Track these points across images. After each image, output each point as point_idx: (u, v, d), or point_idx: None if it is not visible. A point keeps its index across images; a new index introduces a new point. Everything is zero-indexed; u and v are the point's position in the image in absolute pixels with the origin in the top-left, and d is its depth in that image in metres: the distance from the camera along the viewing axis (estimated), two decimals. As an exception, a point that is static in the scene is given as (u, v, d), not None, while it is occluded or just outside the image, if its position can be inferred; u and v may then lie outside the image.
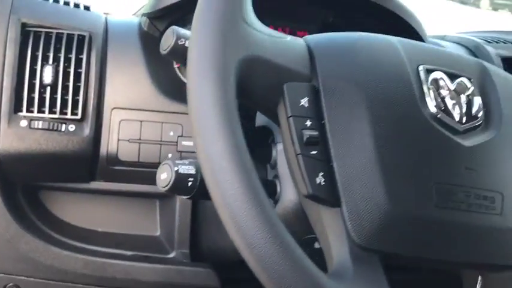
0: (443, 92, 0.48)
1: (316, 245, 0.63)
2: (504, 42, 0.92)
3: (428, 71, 0.48)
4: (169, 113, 0.72)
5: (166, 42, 0.48)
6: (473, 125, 0.48)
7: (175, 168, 0.48)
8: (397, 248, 0.43)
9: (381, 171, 0.43)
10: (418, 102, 0.46)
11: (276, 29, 0.90)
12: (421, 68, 0.48)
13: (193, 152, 0.69)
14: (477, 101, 0.49)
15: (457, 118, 0.47)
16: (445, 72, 0.49)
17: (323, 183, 0.43)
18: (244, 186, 0.37)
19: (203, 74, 0.39)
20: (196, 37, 0.41)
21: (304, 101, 0.44)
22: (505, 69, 0.88)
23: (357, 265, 0.42)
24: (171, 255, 0.80)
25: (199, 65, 0.40)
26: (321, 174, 0.43)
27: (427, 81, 0.47)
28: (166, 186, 0.48)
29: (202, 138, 0.38)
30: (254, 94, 0.45)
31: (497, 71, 0.53)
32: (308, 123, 0.44)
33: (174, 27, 0.48)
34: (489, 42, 0.92)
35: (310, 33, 0.92)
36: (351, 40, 0.49)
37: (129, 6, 1.02)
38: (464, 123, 0.47)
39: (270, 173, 0.53)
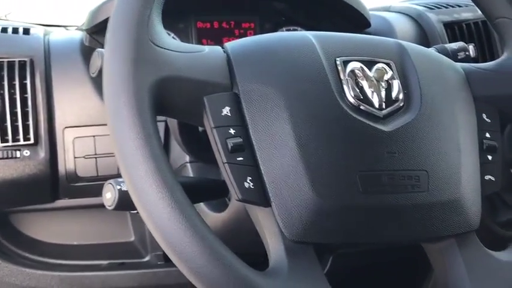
0: (362, 81, 0.49)
1: None
2: (446, 7, 0.93)
3: (345, 62, 0.50)
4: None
5: (94, 65, 0.49)
6: (394, 108, 0.49)
7: (118, 187, 0.50)
8: (330, 238, 0.46)
9: (305, 168, 0.45)
10: (337, 96, 0.48)
11: (221, 23, 0.91)
12: (338, 60, 0.50)
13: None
14: (396, 84, 0.50)
15: (376, 105, 0.49)
16: (362, 61, 0.50)
17: (252, 187, 0.45)
18: (167, 204, 0.40)
19: (117, 100, 0.41)
20: (107, 64, 0.43)
21: (226, 111, 0.46)
22: (447, 34, 0.90)
23: (292, 260, 0.44)
24: (146, 258, 0.83)
25: (112, 91, 0.42)
26: (249, 178, 0.45)
27: (344, 72, 0.49)
28: (112, 205, 0.50)
29: (123, 161, 0.41)
30: (177, 111, 0.47)
31: (416, 50, 0.55)
32: (232, 131, 0.46)
33: (100, 50, 0.49)
34: (431, 8, 0.93)
35: (256, 25, 0.94)
36: (267, 42, 0.51)
37: None
38: (385, 108, 0.49)
39: None
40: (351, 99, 0.48)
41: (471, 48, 0.89)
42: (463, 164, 0.51)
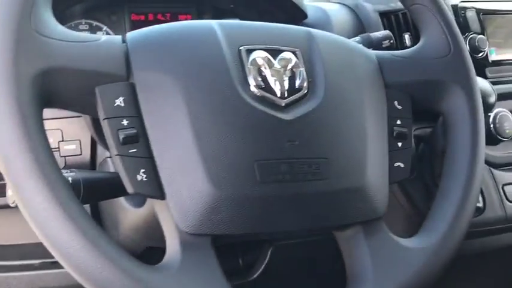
0: (265, 70, 0.48)
1: None
2: (384, -4, 0.93)
3: (249, 51, 0.49)
4: (46, 120, 0.72)
5: None
6: (297, 97, 0.49)
7: None
8: (227, 229, 0.45)
9: (200, 159, 0.44)
10: (238, 85, 0.47)
11: (156, 15, 0.90)
12: (242, 49, 0.49)
13: (79, 155, 0.70)
14: (301, 72, 0.50)
15: (278, 94, 0.48)
16: (267, 50, 0.50)
17: (145, 179, 0.44)
18: (45, 199, 0.38)
19: None
20: None
21: (119, 101, 0.45)
22: (384, 23, 0.90)
23: (186, 253, 0.43)
24: None
25: None
26: (142, 171, 0.44)
27: (247, 61, 0.48)
28: (14, 203, 0.49)
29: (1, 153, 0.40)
30: (68, 103, 0.46)
31: (325, 37, 0.54)
32: (125, 122, 0.44)
33: None
34: (368, -2, 0.93)
35: (194, 17, 0.92)
36: (169, 31, 0.50)
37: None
38: (287, 97, 0.48)
39: None
40: (253, 89, 0.48)
41: (407, 37, 0.90)
42: (368, 151, 0.51)
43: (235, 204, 0.45)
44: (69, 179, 0.44)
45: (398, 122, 0.55)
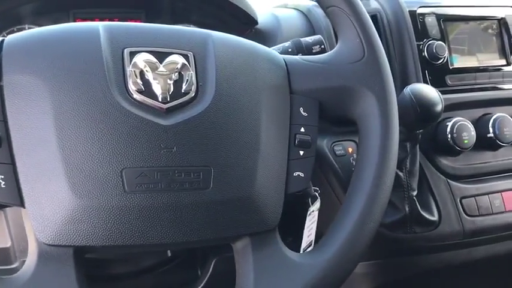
0: (148, 73, 0.46)
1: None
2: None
3: (133, 53, 0.47)
4: None
5: None
6: (181, 102, 0.46)
7: None
8: (90, 240, 0.43)
9: (62, 166, 0.42)
10: (114, 89, 0.45)
11: (102, 20, 0.88)
12: (125, 51, 0.47)
13: None
14: (190, 76, 0.47)
15: (160, 98, 0.46)
16: (153, 52, 0.47)
17: (3, 186, 0.42)
18: None
19: None
20: None
21: None
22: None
23: (40, 265, 0.41)
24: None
25: None
26: (1, 177, 0.42)
27: (129, 64, 0.46)
28: None
29: None
30: None
31: (225, 41, 0.52)
32: None
33: None
34: (322, 3, 0.90)
35: (143, 22, 0.91)
36: (48, 33, 0.48)
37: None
38: (169, 101, 0.46)
39: None
40: (132, 93, 0.45)
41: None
42: (261, 159, 0.48)
43: (99, 214, 0.42)
44: None
45: (302, 129, 0.52)
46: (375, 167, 0.50)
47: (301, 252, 0.81)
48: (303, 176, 0.51)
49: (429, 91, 0.73)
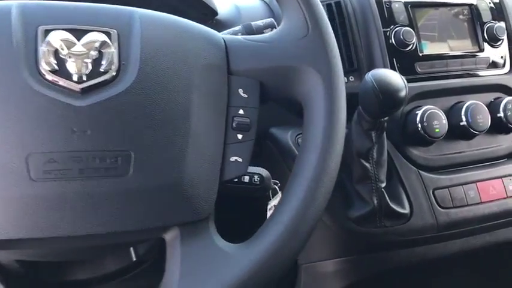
0: (63, 52, 0.43)
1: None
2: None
3: (48, 31, 0.43)
4: None
5: None
6: (98, 81, 0.43)
7: None
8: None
9: None
10: (23, 69, 0.41)
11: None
12: (39, 29, 0.43)
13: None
14: (111, 55, 0.44)
15: (75, 78, 0.42)
16: (71, 30, 0.44)
17: None
18: None
19: None
20: None
21: None
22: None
23: None
24: None
25: None
26: None
27: (43, 43, 0.43)
28: None
29: None
30: None
31: (153, 19, 0.48)
32: None
33: None
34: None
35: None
36: None
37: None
38: (85, 81, 0.42)
39: None
40: (45, 73, 0.42)
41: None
42: (191, 143, 0.44)
43: (2, 205, 0.38)
44: None
45: (241, 111, 0.49)
46: (319, 151, 0.47)
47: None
48: (240, 161, 0.47)
49: (392, 76, 0.69)
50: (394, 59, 0.84)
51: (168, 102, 0.44)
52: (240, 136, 0.48)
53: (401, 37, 0.84)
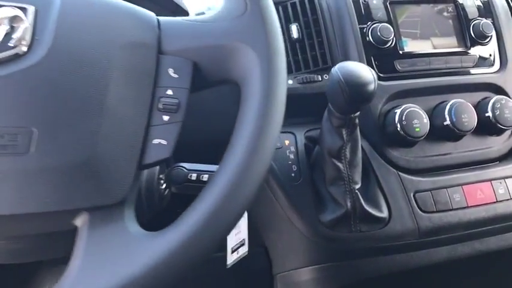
0: None
1: None
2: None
3: None
4: None
5: None
6: (5, 55, 0.40)
7: None
8: None
9: None
10: None
11: None
12: None
13: None
14: (24, 30, 0.42)
15: None
16: None
17: None
18: None
19: None
20: None
21: None
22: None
23: None
24: None
25: None
26: None
27: None
28: None
29: None
30: None
31: None
32: None
33: None
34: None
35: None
36: None
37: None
38: None
39: None
40: None
41: (294, 28, 0.80)
42: (106, 122, 0.41)
43: None
44: None
45: (170, 92, 0.45)
46: (249, 135, 0.43)
47: (230, 253, 0.73)
48: (165, 143, 0.44)
49: (359, 69, 0.65)
50: (372, 57, 0.80)
51: (82, 78, 0.42)
52: (166, 118, 0.45)
53: (379, 33, 0.80)
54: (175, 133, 0.44)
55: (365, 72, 0.65)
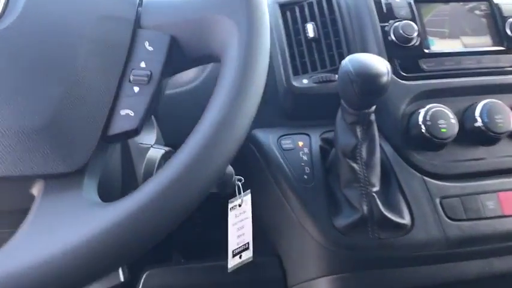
0: None
1: None
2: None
3: None
4: None
5: None
6: None
7: None
8: None
9: None
10: None
11: None
12: None
13: None
14: None
15: None
16: None
17: None
18: None
19: None
20: None
21: None
22: (287, 15, 0.79)
23: None
24: None
25: None
26: None
27: None
28: None
29: None
30: None
31: None
32: None
33: None
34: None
35: None
36: None
37: None
38: None
39: None
40: None
41: (310, 27, 0.78)
42: (69, 89, 0.41)
43: None
44: None
45: (143, 64, 0.44)
46: (222, 107, 0.40)
47: (231, 256, 0.69)
48: (132, 114, 0.42)
49: (371, 60, 0.61)
50: (394, 56, 0.76)
51: (50, 46, 0.41)
52: (136, 89, 0.43)
53: (401, 31, 0.76)
54: (144, 105, 0.43)
55: (378, 63, 0.61)
